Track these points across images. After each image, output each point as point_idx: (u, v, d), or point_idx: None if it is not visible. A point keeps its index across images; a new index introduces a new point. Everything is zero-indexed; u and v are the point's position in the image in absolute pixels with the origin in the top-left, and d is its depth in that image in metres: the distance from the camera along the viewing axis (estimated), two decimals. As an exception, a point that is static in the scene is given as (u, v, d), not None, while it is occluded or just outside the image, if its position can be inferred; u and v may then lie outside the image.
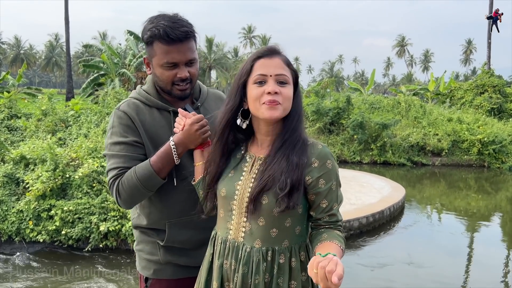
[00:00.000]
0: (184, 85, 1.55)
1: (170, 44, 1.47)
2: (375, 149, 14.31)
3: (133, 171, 1.47)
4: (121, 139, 1.52)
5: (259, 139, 1.44)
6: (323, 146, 1.39)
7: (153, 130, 1.55)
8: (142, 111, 1.57)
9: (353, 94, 20.42)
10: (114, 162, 1.51)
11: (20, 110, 9.85)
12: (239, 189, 1.38)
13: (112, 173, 1.51)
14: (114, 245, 5.82)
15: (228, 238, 1.41)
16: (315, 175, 1.33)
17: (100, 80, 19.91)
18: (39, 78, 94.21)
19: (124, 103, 1.60)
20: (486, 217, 8.78)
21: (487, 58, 23.28)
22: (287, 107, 1.35)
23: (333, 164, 1.38)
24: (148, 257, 1.64)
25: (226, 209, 1.42)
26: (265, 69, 1.34)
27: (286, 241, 1.37)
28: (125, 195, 1.48)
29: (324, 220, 1.36)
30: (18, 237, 5.87)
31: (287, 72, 1.36)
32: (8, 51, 73.66)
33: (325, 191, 1.34)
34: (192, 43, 1.54)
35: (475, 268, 5.94)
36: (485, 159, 14.33)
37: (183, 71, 1.52)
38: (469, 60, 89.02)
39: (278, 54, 1.38)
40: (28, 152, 6.44)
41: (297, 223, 1.38)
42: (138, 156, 1.52)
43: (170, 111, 1.59)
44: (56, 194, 5.99)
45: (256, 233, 1.35)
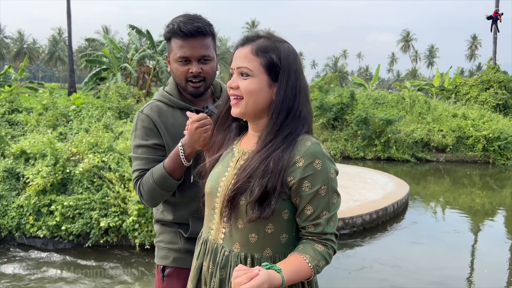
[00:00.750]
0: (197, 82, 1.58)
1: (184, 39, 1.53)
2: (379, 145, 14.20)
3: (150, 174, 1.55)
4: (143, 142, 1.60)
5: (249, 133, 1.34)
6: (313, 143, 1.20)
7: (175, 131, 1.61)
8: (164, 113, 1.63)
9: (357, 90, 20.26)
10: (136, 164, 1.62)
11: (21, 104, 9.79)
12: (222, 186, 1.26)
13: (134, 175, 1.62)
14: (115, 241, 5.77)
15: (209, 239, 1.31)
16: (297, 176, 1.16)
17: (102, 75, 19.86)
18: (42, 72, 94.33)
19: (147, 106, 1.66)
20: (490, 214, 8.69)
21: (493, 53, 23.02)
22: (251, 102, 1.22)
23: (323, 165, 1.17)
24: (169, 246, 1.68)
25: (209, 206, 1.32)
26: (233, 63, 1.25)
27: (269, 249, 1.22)
28: (146, 196, 1.57)
29: (308, 230, 1.18)
30: (19, 232, 5.82)
31: (252, 63, 1.21)
32: (12, 46, 73.76)
33: (309, 195, 1.16)
34: (207, 41, 1.57)
35: (479, 265, 5.87)
36: (490, 155, 14.20)
37: (195, 66, 1.56)
38: (474, 55, 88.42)
39: (250, 43, 1.24)
40: (28, 147, 6.39)
41: (282, 230, 1.22)
42: (158, 158, 1.59)
43: (193, 110, 1.60)
44: (56, 189, 5.93)
45: (235, 236, 1.23)
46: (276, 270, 1.06)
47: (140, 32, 21.19)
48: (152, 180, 1.53)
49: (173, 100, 1.64)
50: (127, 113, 10.11)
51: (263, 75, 1.22)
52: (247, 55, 1.23)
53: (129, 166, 6.08)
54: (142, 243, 5.61)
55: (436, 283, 5.05)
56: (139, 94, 13.06)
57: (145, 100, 13.21)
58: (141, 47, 20.95)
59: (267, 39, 1.25)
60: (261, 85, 1.22)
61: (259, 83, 1.22)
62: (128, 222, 5.55)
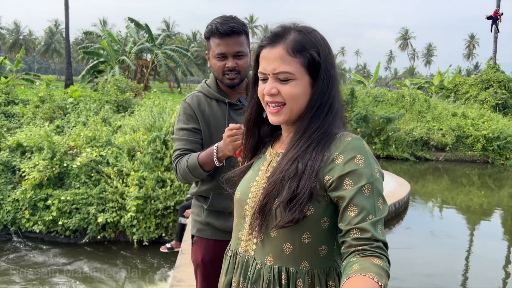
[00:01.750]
0: (233, 75, 1.78)
1: (220, 38, 1.73)
2: (378, 143, 14.14)
3: (187, 158, 1.76)
4: (184, 126, 1.84)
5: (283, 136, 1.21)
6: (354, 138, 1.06)
7: (210, 119, 1.84)
8: (202, 103, 1.85)
9: (357, 87, 20.18)
10: (177, 145, 1.84)
11: (18, 96, 9.62)
12: (253, 191, 1.15)
13: (175, 154, 1.84)
14: (112, 236, 5.66)
15: (238, 251, 1.18)
16: (336, 173, 1.01)
17: (100, 67, 19.66)
18: (38, 64, 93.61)
19: (190, 96, 1.89)
20: (488, 214, 8.67)
21: (493, 52, 22.99)
22: (295, 107, 1.09)
23: (366, 162, 1.02)
24: (196, 218, 1.93)
25: (239, 215, 1.20)
26: (264, 65, 1.10)
27: (306, 262, 1.08)
28: (179, 175, 1.81)
29: (353, 236, 0.97)
30: (14, 227, 5.70)
31: (291, 65, 1.07)
32: (7, 37, 73.05)
33: (351, 192, 0.99)
34: (241, 39, 1.75)
35: (476, 264, 5.86)
36: (489, 155, 14.19)
37: (230, 62, 1.76)
38: (472, 54, 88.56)
39: (282, 41, 1.09)
40: (24, 140, 6.25)
41: (321, 241, 1.08)
42: (196, 140, 1.82)
43: (226, 102, 1.84)
44: (53, 183, 5.81)
45: (268, 246, 1.10)
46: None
47: (139, 25, 20.99)
48: (186, 165, 1.75)
49: (210, 92, 1.86)
50: (125, 106, 9.97)
51: (305, 76, 1.09)
52: (284, 57, 1.08)
53: (127, 161, 5.95)
54: (140, 240, 5.50)
55: (433, 282, 5.03)
56: (137, 88, 12.90)
57: (144, 94, 13.06)
58: (139, 40, 20.74)
59: (299, 33, 1.10)
60: (304, 87, 1.09)
61: (302, 86, 1.09)
62: (126, 218, 5.44)
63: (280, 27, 1.11)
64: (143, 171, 5.68)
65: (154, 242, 5.53)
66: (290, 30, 1.10)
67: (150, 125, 6.35)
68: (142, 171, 5.69)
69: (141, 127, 6.46)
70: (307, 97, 1.10)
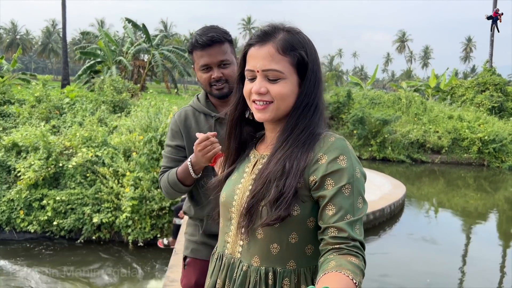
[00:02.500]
0: (220, 85, 1.73)
1: (202, 49, 1.70)
2: (374, 145, 14.18)
3: (167, 175, 1.75)
4: (169, 143, 1.84)
5: (267, 136, 1.21)
6: (337, 138, 1.08)
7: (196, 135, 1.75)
8: (189, 118, 1.83)
9: (354, 89, 20.23)
10: (163, 161, 1.85)
11: (14, 96, 9.60)
12: (238, 193, 1.15)
13: (160, 171, 1.84)
14: (108, 237, 5.65)
15: (225, 253, 1.18)
16: (319, 173, 1.03)
17: (97, 68, 19.62)
18: (35, 64, 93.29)
19: (178, 112, 1.88)
20: (483, 216, 8.71)
21: (489, 55, 23.10)
22: (282, 106, 1.10)
23: (349, 162, 1.04)
24: (189, 238, 1.86)
25: (225, 217, 1.20)
26: (253, 63, 1.09)
27: (292, 261, 1.09)
28: (164, 191, 1.81)
29: (331, 235, 0.99)
30: (8, 227, 5.69)
31: (281, 63, 1.07)
32: (4, 36, 72.79)
33: (331, 192, 1.01)
34: (223, 47, 1.72)
35: (471, 266, 5.88)
36: (485, 157, 14.25)
37: (215, 72, 1.71)
38: (469, 57, 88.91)
39: (272, 39, 1.09)
40: (20, 139, 6.23)
41: (307, 241, 1.09)
42: (179, 158, 1.80)
43: (213, 116, 1.79)
44: (48, 183, 5.80)
45: (254, 247, 1.10)
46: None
47: (136, 26, 20.97)
48: (167, 181, 1.75)
49: (199, 106, 1.84)
50: (122, 107, 9.96)
51: (294, 75, 1.10)
52: (274, 55, 1.08)
53: (123, 161, 5.95)
54: (135, 240, 5.50)
55: (429, 284, 5.04)
56: (134, 88, 12.88)
57: (140, 94, 13.04)
58: (136, 41, 20.72)
59: (288, 33, 1.11)
60: (293, 86, 1.10)
61: (291, 85, 1.10)
62: (122, 218, 5.44)
63: (269, 26, 1.12)
64: (138, 171, 5.68)
65: (149, 243, 5.53)
66: (279, 30, 1.11)
67: (146, 125, 6.35)
68: (138, 171, 5.69)
69: (137, 128, 6.46)
70: (294, 96, 1.11)
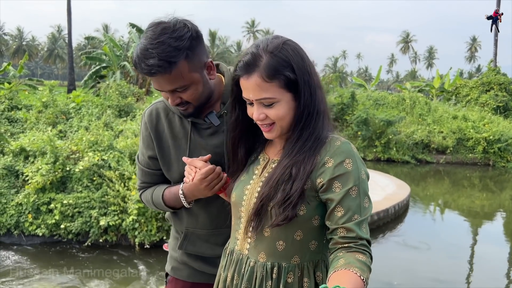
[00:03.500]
0: (182, 108, 1.38)
1: (150, 76, 1.31)
2: (379, 146, 14.18)
3: (151, 194, 1.51)
4: (140, 151, 1.56)
5: (276, 140, 1.27)
6: (343, 142, 1.14)
7: (169, 142, 1.47)
8: (161, 120, 1.48)
9: (357, 90, 20.25)
10: (138, 174, 1.59)
11: (21, 102, 9.73)
12: (247, 194, 1.22)
13: (137, 183, 1.61)
14: (114, 240, 5.72)
15: (235, 249, 1.26)
16: (327, 176, 1.10)
17: (102, 73, 19.78)
18: (41, 70, 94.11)
19: (149, 108, 1.52)
20: (490, 216, 8.68)
21: (493, 55, 23.02)
22: (284, 124, 1.16)
23: (354, 165, 1.11)
24: (172, 253, 1.63)
25: (235, 216, 1.28)
26: (246, 93, 1.15)
27: (296, 256, 1.17)
28: (148, 206, 1.59)
29: (340, 235, 1.07)
30: (17, 231, 5.77)
31: (270, 90, 1.11)
32: (11, 42, 73.51)
33: (339, 195, 1.07)
34: (173, 74, 1.26)
35: (478, 267, 5.87)
36: (490, 157, 14.20)
37: (171, 99, 1.35)
38: (473, 57, 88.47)
39: (256, 68, 1.11)
40: (28, 144, 6.33)
41: (311, 237, 1.17)
42: (154, 171, 1.53)
43: (189, 121, 1.45)
44: (55, 187, 5.88)
45: (261, 245, 1.18)
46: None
47: (141, 30, 21.12)
48: (151, 202, 1.52)
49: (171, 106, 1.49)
50: (127, 111, 10.06)
51: (286, 94, 1.14)
52: (261, 85, 1.11)
53: (129, 164, 6.03)
54: (141, 243, 5.56)
55: (435, 285, 5.04)
56: (139, 93, 13.01)
57: (145, 99, 13.16)
58: (141, 46, 20.84)
59: (270, 55, 1.12)
60: (288, 104, 1.15)
61: (286, 104, 1.14)
62: (128, 221, 5.50)
63: (250, 55, 1.13)
64: (144, 174, 5.74)
65: (156, 245, 5.59)
66: (261, 56, 1.12)
67: (151, 129, 6.42)
68: (144, 174, 5.74)
69: (143, 132, 6.52)
70: (293, 111, 1.16)
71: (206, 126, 1.43)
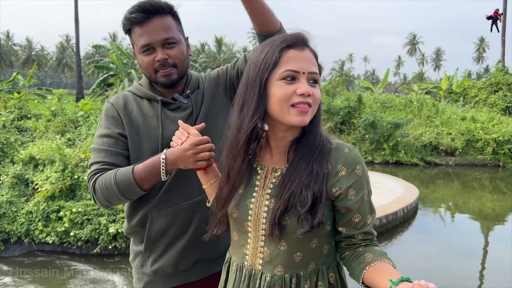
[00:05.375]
0: (167, 69, 1.43)
1: (141, 26, 1.41)
2: (387, 149, 14.10)
3: (114, 174, 1.35)
4: (105, 131, 1.45)
5: (272, 146, 1.20)
6: (350, 148, 1.15)
7: (139, 121, 1.46)
8: (130, 103, 1.50)
9: (364, 93, 20.18)
10: (96, 156, 1.43)
11: (30, 111, 9.86)
12: (253, 208, 1.16)
13: (92, 168, 1.42)
14: (123, 246, 5.75)
15: (244, 265, 1.21)
16: (344, 185, 1.11)
17: (110, 81, 19.95)
18: (50, 79, 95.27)
19: (115, 96, 1.55)
20: (501, 218, 8.57)
21: (501, 55, 22.85)
22: (315, 111, 1.13)
23: (363, 170, 1.14)
24: (139, 270, 1.55)
25: (240, 231, 1.21)
26: (298, 64, 1.08)
27: (312, 263, 1.17)
28: (101, 195, 1.37)
29: (358, 238, 1.14)
30: (28, 239, 5.83)
31: (317, 69, 1.13)
32: (20, 53, 74.60)
33: (356, 203, 1.12)
34: (166, 21, 1.42)
35: (490, 270, 5.78)
36: (500, 158, 14.03)
37: (160, 53, 1.41)
38: (481, 58, 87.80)
39: (308, 46, 1.13)
40: (37, 153, 6.42)
41: (324, 242, 1.18)
42: (120, 151, 1.44)
43: (158, 100, 1.48)
44: (65, 195, 5.94)
45: (276, 259, 1.15)
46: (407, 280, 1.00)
47: (147, 38, 21.29)
48: (114, 181, 1.33)
49: (141, 89, 1.52)
50: (135, 118, 10.13)
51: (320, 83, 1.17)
52: (314, 61, 1.13)
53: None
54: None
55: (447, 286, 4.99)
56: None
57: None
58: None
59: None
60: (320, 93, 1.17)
61: (320, 92, 1.16)
62: (137, 227, 5.54)
63: (304, 33, 1.14)
64: (152, 181, 5.78)
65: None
66: (310, 40, 1.16)
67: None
68: (151, 181, 5.79)
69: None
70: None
71: (175, 106, 1.49)
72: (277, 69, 1.09)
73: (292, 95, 1.08)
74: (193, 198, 1.47)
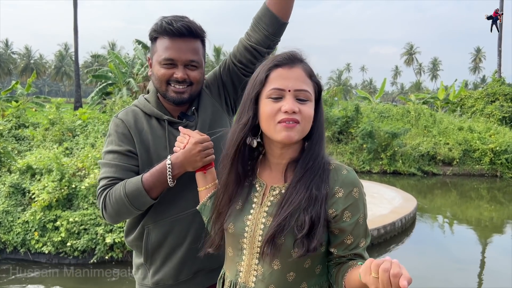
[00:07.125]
0: (181, 88, 1.42)
1: (171, 39, 1.40)
2: (385, 158, 14.12)
3: (123, 185, 1.36)
4: (116, 148, 1.44)
5: (271, 163, 1.21)
6: (348, 171, 1.16)
7: (150, 140, 1.46)
8: (140, 120, 1.49)
9: (362, 103, 20.28)
10: (105, 172, 1.43)
11: (28, 120, 9.85)
12: (250, 225, 1.17)
13: (102, 183, 1.42)
14: (120, 256, 5.72)
15: (238, 282, 1.21)
16: (340, 206, 1.12)
17: (108, 90, 19.99)
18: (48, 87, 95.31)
19: (123, 111, 1.53)
20: (498, 228, 8.57)
21: (497, 66, 23.04)
22: (306, 128, 1.13)
23: (360, 192, 1.15)
24: (141, 283, 1.57)
25: (235, 247, 1.21)
26: (283, 82, 1.11)
27: (304, 283, 1.16)
28: (111, 209, 1.37)
29: (348, 257, 1.15)
30: (23, 249, 5.79)
31: (309, 86, 1.13)
32: (19, 61, 74.67)
33: (351, 225, 1.12)
34: (196, 44, 1.44)
35: (487, 279, 5.77)
36: (498, 168, 14.08)
37: (180, 72, 1.41)
38: (478, 68, 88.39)
39: (300, 63, 1.15)
40: (34, 162, 6.39)
41: (317, 262, 1.17)
42: (130, 167, 1.43)
43: (165, 120, 1.48)
44: (62, 204, 5.91)
45: (269, 278, 1.15)
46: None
47: (146, 47, 21.39)
48: (123, 193, 1.34)
49: (147, 107, 1.50)
50: (133, 127, 10.13)
51: (313, 101, 1.16)
52: (304, 78, 1.13)
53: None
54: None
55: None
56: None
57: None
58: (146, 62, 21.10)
59: (306, 62, 1.18)
60: (313, 111, 1.16)
61: (312, 109, 1.15)
62: (134, 237, 5.51)
63: (294, 51, 1.16)
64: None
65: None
66: (302, 56, 1.17)
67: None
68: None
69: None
70: (312, 122, 1.16)
71: (183, 125, 1.48)
72: (265, 87, 1.13)
73: (277, 113, 1.10)
74: (189, 209, 1.47)
